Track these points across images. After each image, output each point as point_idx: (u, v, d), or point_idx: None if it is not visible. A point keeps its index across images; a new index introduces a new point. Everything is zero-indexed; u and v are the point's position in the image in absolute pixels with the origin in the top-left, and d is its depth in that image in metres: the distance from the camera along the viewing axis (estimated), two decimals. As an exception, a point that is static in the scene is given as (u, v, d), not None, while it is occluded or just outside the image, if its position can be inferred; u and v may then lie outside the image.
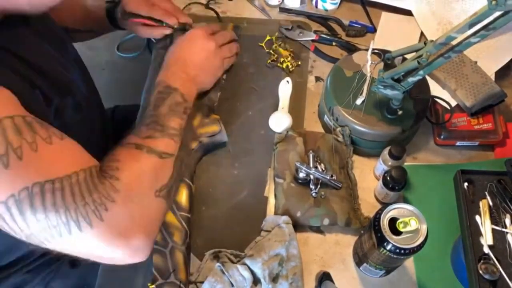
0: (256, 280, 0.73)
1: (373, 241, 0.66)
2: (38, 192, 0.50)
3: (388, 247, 0.63)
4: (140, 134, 0.65)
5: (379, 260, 0.69)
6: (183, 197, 0.79)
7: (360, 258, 0.75)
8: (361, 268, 0.76)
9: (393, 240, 0.63)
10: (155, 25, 0.88)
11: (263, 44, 1.02)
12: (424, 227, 0.64)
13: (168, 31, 0.89)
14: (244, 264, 0.74)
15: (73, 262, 0.91)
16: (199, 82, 0.80)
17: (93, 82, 0.92)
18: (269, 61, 0.99)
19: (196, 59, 0.80)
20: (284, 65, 0.98)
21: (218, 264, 0.73)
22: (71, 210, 0.50)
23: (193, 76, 0.78)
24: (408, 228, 0.63)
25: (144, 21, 0.88)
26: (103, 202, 0.53)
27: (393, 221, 0.65)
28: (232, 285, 0.72)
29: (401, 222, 0.64)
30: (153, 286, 0.71)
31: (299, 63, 1.00)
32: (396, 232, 0.64)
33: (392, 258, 0.65)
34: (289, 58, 0.99)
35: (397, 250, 0.63)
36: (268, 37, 1.02)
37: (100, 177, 0.56)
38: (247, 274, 0.72)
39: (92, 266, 0.91)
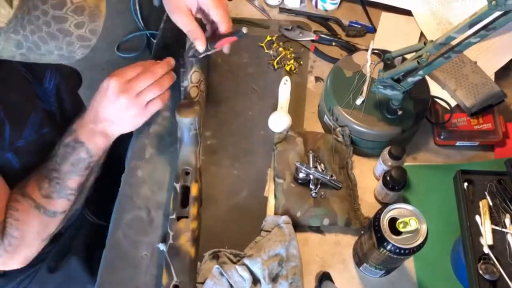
0: (256, 280, 0.73)
1: (373, 241, 0.66)
2: None
3: (388, 247, 0.63)
4: (42, 190, 0.75)
5: (379, 260, 0.69)
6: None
7: (360, 258, 0.75)
8: (361, 268, 0.76)
9: (393, 240, 0.63)
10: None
11: (263, 44, 1.02)
12: (424, 227, 0.64)
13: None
14: (243, 264, 0.74)
15: (51, 268, 0.93)
16: (110, 133, 0.77)
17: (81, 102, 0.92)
18: (273, 63, 0.99)
19: (106, 112, 0.76)
20: (288, 68, 0.99)
21: (216, 266, 0.73)
22: None
23: (101, 129, 0.76)
24: (408, 228, 0.63)
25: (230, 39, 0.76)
26: None
27: (393, 221, 0.65)
28: (232, 286, 0.72)
29: (401, 222, 0.64)
30: None
31: (301, 62, 1.00)
32: (396, 232, 0.64)
33: (392, 258, 0.65)
34: (292, 61, 0.99)
35: (397, 250, 0.63)
36: (268, 38, 1.03)
37: (1, 234, 0.71)
38: (246, 275, 0.72)
39: (71, 275, 0.94)
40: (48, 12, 0.50)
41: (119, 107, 0.75)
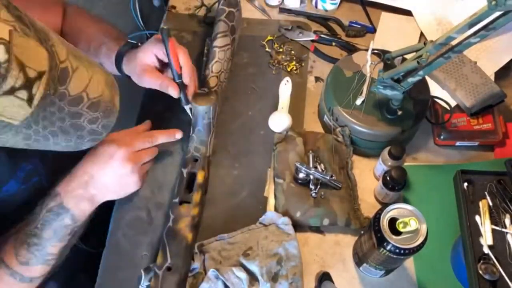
0: (254, 280, 0.73)
1: (373, 241, 0.66)
2: None
3: (388, 247, 0.63)
4: (19, 257, 0.68)
5: (379, 260, 0.69)
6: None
7: (360, 258, 0.75)
8: (361, 268, 0.76)
9: (393, 240, 0.63)
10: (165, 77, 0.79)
11: (265, 42, 1.02)
12: (424, 227, 0.64)
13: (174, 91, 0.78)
14: (240, 265, 0.74)
15: None
16: (99, 200, 0.73)
17: None
18: (274, 69, 0.99)
19: (105, 180, 0.72)
20: (289, 69, 0.99)
21: (212, 269, 0.73)
22: None
23: (92, 195, 0.72)
24: (408, 228, 0.63)
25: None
26: None
27: (393, 221, 0.65)
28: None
29: (401, 222, 0.64)
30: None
31: (302, 64, 1.00)
32: (396, 232, 0.64)
33: (392, 258, 0.65)
34: (293, 62, 0.99)
35: (397, 250, 0.63)
36: (269, 37, 1.03)
37: None
38: (242, 275, 0.72)
39: None
40: (64, 109, 0.47)
41: (123, 176, 0.74)
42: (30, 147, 0.49)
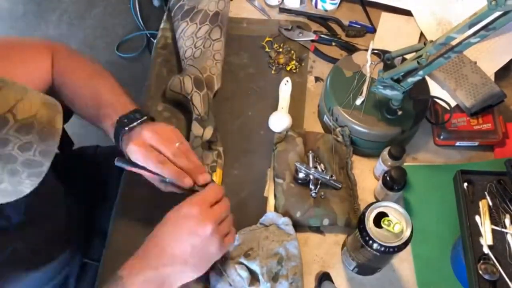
0: (255, 279, 0.73)
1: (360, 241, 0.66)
2: None
3: (374, 246, 0.64)
4: None
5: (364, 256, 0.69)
6: None
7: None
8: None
9: (377, 238, 0.63)
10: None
11: (264, 43, 1.02)
12: (405, 224, 0.64)
13: (176, 191, 0.69)
14: (241, 263, 0.74)
15: None
16: (175, 280, 0.60)
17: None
18: (274, 69, 0.99)
19: (179, 251, 0.59)
20: (288, 68, 0.99)
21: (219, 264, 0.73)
22: None
23: (163, 277, 0.59)
24: (395, 228, 0.63)
25: (150, 175, 0.69)
26: None
27: (379, 217, 0.65)
28: (230, 284, 0.72)
29: (385, 221, 0.64)
30: None
31: (302, 64, 1.00)
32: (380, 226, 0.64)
33: (376, 256, 0.65)
34: (293, 62, 0.99)
35: (382, 249, 0.63)
36: (267, 38, 1.02)
37: None
38: (244, 273, 0.72)
39: None
40: None
41: (203, 239, 0.59)
42: None
